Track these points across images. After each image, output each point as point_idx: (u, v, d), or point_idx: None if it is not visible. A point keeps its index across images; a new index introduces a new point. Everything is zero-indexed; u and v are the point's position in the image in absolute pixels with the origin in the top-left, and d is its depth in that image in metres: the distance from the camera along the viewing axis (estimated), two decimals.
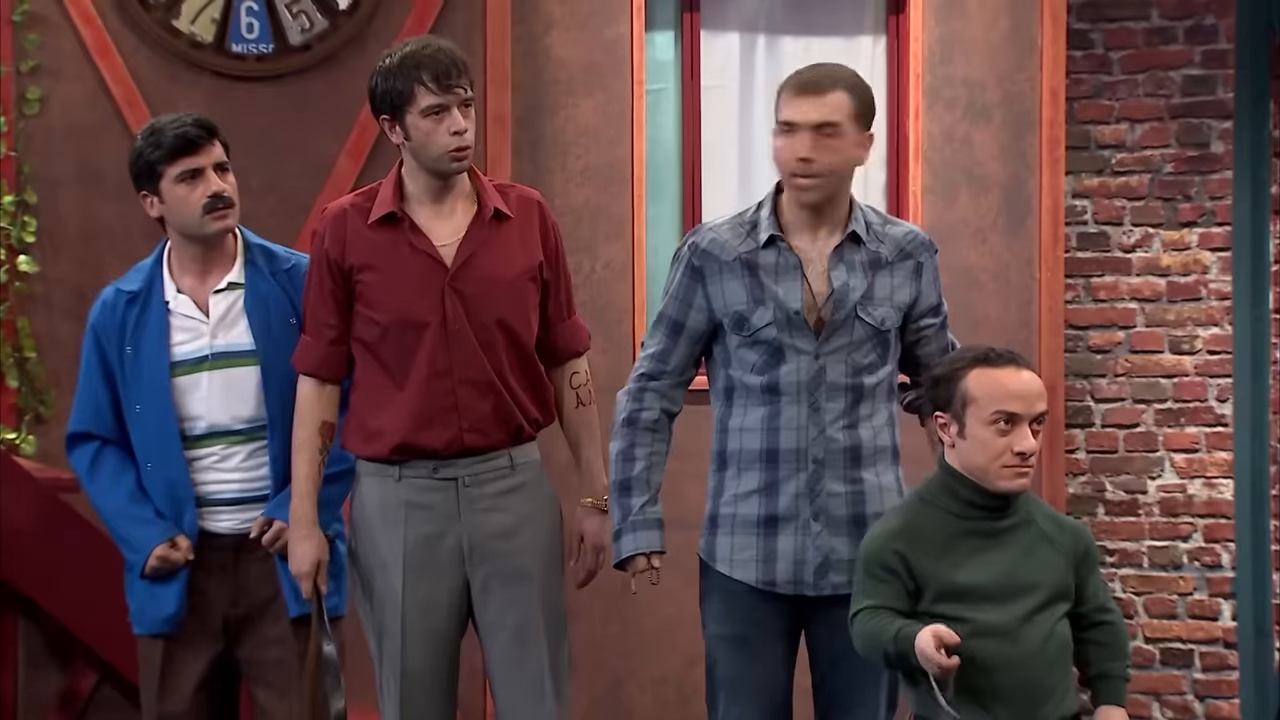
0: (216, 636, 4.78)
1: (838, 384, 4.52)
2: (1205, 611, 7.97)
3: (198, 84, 6.82)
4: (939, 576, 4.16)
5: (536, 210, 4.74)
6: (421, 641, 4.65)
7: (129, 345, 4.76)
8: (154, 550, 4.71)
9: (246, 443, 4.76)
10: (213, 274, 4.80)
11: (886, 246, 4.57)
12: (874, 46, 7.47)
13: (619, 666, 7.16)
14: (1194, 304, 7.98)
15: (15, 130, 6.72)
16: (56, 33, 6.78)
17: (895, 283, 4.57)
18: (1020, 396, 4.20)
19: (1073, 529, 4.30)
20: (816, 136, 4.47)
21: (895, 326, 4.56)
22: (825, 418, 4.51)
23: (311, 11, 6.91)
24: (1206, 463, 7.97)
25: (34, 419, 6.72)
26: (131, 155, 4.80)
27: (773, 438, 4.54)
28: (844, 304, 4.52)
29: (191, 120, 4.78)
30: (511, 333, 4.65)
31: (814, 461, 4.51)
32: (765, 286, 4.54)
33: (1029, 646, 4.14)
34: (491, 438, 4.65)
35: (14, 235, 6.72)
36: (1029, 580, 4.18)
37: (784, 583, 4.53)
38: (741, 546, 4.58)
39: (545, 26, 7.12)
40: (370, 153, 6.89)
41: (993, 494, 4.20)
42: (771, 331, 4.52)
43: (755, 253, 4.55)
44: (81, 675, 6.32)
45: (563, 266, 4.78)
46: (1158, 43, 7.96)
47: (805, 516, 4.52)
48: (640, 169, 7.20)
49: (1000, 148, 7.45)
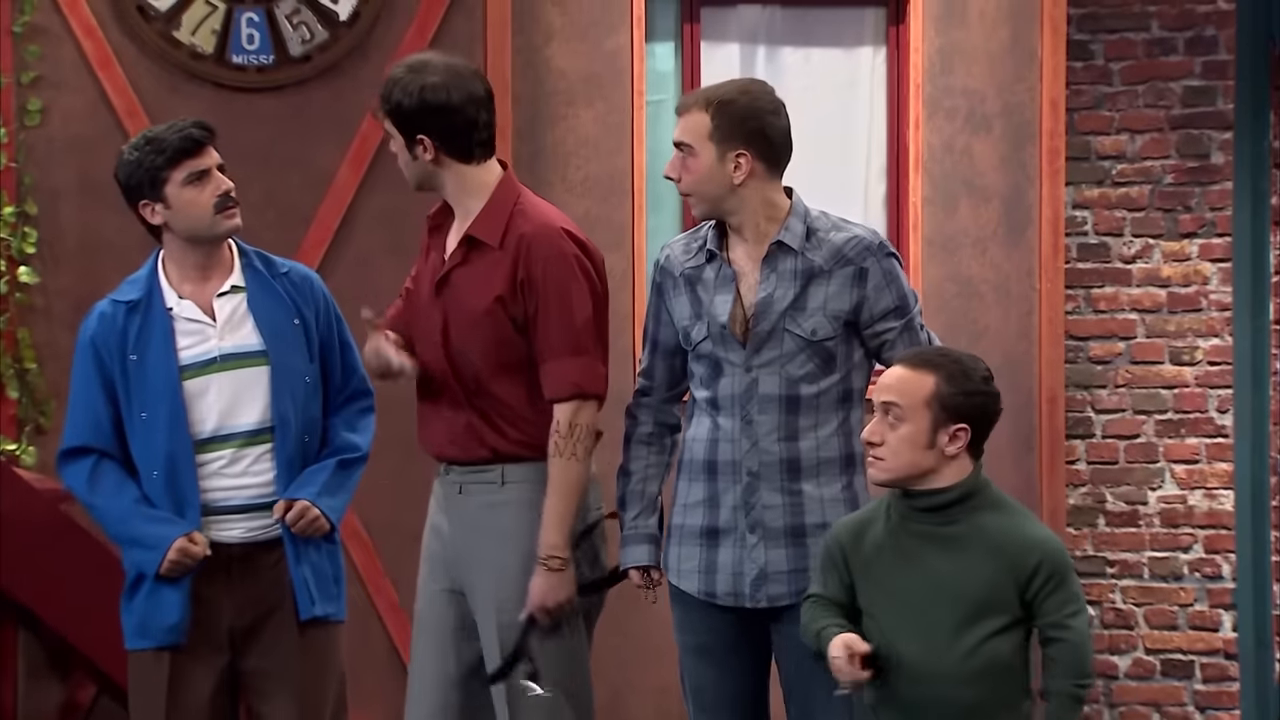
0: (222, 649, 4.77)
1: (770, 396, 4.53)
2: (1206, 623, 7.97)
3: (198, 95, 6.82)
4: (868, 577, 4.19)
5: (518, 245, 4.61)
6: (425, 631, 4.72)
7: (133, 354, 4.75)
8: (174, 543, 4.67)
9: (253, 446, 4.77)
10: (214, 279, 4.81)
11: (822, 254, 4.54)
12: (874, 57, 7.47)
13: (619, 677, 7.15)
14: (1194, 315, 7.98)
15: (16, 141, 6.72)
16: (57, 44, 6.78)
17: (830, 291, 4.54)
18: (878, 386, 4.22)
19: (1024, 545, 4.18)
20: (679, 155, 4.55)
21: (831, 336, 4.53)
22: (759, 430, 4.53)
23: (312, 23, 6.91)
24: (1207, 474, 7.97)
25: (34, 430, 6.72)
26: (127, 166, 4.77)
27: (712, 449, 4.58)
28: (767, 315, 4.53)
29: (191, 123, 4.80)
30: (470, 360, 4.63)
31: (749, 474, 4.54)
32: (702, 301, 4.58)
33: (948, 659, 4.13)
34: (471, 452, 4.66)
35: (14, 246, 6.72)
36: (956, 591, 4.15)
37: (723, 594, 4.56)
38: (686, 557, 4.62)
39: (546, 37, 7.13)
40: (371, 163, 6.90)
41: (925, 500, 4.17)
42: (708, 346, 4.57)
43: (699, 268, 4.60)
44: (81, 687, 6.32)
45: (546, 308, 4.59)
46: (1158, 54, 7.96)
47: (742, 529, 4.55)
48: (640, 180, 7.20)
49: (1000, 158, 7.45)
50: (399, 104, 4.62)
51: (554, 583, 4.57)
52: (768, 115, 4.55)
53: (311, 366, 4.83)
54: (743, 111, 4.53)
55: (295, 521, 4.74)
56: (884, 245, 4.60)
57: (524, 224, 4.63)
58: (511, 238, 4.62)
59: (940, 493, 4.18)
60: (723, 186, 4.53)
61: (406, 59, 4.76)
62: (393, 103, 4.63)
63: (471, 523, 4.67)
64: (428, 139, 4.62)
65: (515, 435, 4.65)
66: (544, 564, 4.57)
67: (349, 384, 4.92)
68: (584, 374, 4.60)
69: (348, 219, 6.95)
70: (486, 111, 4.65)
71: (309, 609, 4.76)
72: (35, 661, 6.42)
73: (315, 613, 4.77)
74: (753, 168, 4.53)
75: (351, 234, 6.95)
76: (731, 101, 4.53)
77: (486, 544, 4.64)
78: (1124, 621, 8.00)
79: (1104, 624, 7.99)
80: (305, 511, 4.74)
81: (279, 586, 4.77)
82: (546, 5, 7.13)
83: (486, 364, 4.62)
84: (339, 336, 4.92)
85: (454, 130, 4.62)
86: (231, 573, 4.76)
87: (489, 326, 4.61)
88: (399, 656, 6.90)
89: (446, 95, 4.60)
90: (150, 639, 4.75)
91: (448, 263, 4.67)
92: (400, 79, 4.63)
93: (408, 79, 4.62)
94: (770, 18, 7.45)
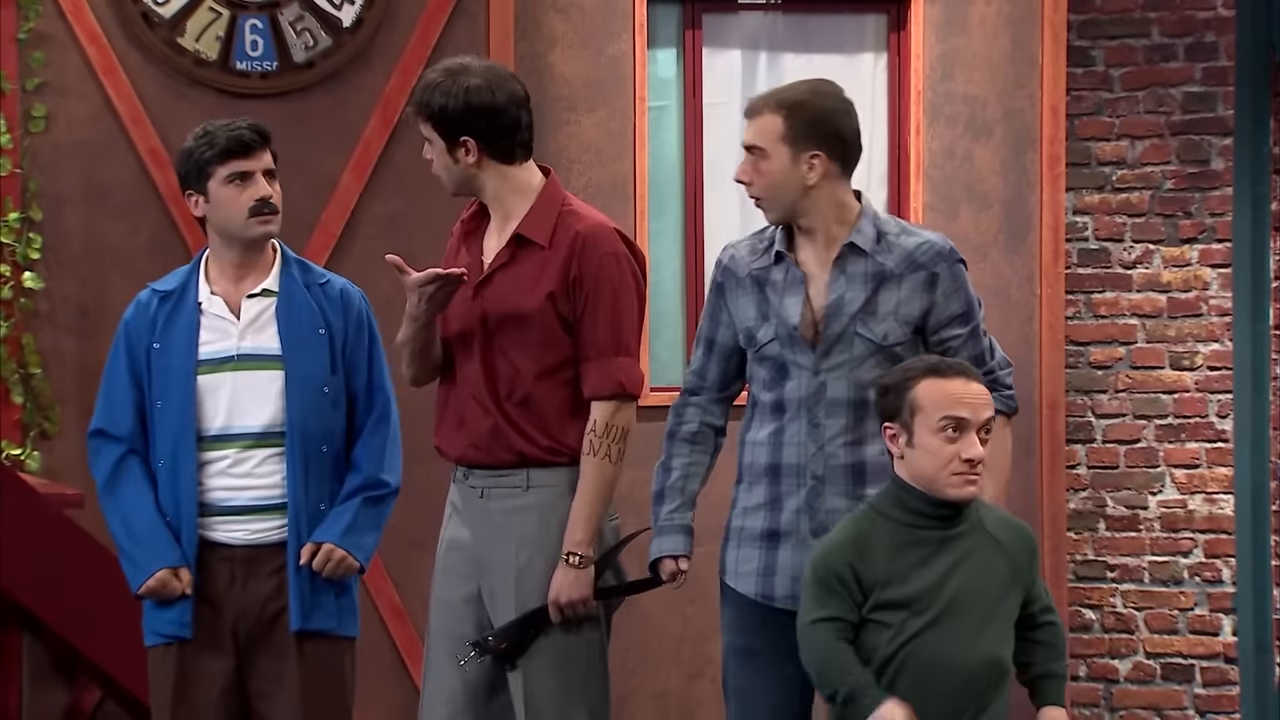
0: (227, 648, 4.77)
1: (839, 400, 4.50)
2: (1206, 627, 7.98)
3: (202, 101, 6.84)
4: (885, 586, 4.16)
5: (573, 242, 4.62)
6: (442, 642, 4.68)
7: (157, 342, 4.78)
8: (158, 573, 4.70)
9: (260, 449, 4.77)
10: (248, 279, 4.82)
11: (894, 258, 4.51)
12: (875, 63, 7.49)
13: (621, 683, 7.15)
14: (1194, 320, 8.00)
15: (21, 147, 6.74)
16: (62, 51, 6.80)
17: (902, 295, 4.51)
18: (969, 403, 4.15)
19: (1018, 530, 4.27)
20: (750, 159, 4.51)
21: (901, 341, 4.50)
22: (825, 434, 4.50)
23: (315, 29, 6.94)
24: (1207, 478, 7.99)
25: (39, 435, 6.73)
26: (182, 154, 4.81)
27: (776, 453, 4.54)
28: (838, 317, 4.50)
29: (246, 124, 4.81)
30: (512, 362, 4.63)
31: (814, 478, 4.51)
32: (770, 302, 4.54)
33: (975, 657, 4.15)
34: (495, 456, 4.65)
35: (19, 252, 6.73)
36: (977, 588, 4.17)
37: (781, 597, 4.52)
38: (745, 559, 4.59)
39: (548, 44, 7.15)
40: (374, 170, 6.92)
41: (941, 503, 4.18)
42: (775, 348, 4.53)
43: (766, 269, 4.56)
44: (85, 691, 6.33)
45: (596, 306, 4.61)
46: (1158, 60, 7.98)
47: (804, 533, 4.51)
48: (642, 185, 7.22)
49: (1001, 164, 7.47)
50: (442, 107, 4.59)
51: (573, 579, 4.58)
52: (840, 115, 4.52)
53: (333, 378, 4.81)
54: (815, 113, 4.50)
55: (322, 566, 4.74)
56: (954, 251, 4.58)
57: (576, 223, 4.64)
58: (563, 236, 4.62)
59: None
60: (796, 189, 4.49)
61: (440, 64, 4.72)
62: (434, 107, 4.60)
63: (494, 527, 4.65)
64: (472, 141, 4.60)
65: (544, 441, 4.64)
66: (566, 560, 4.58)
67: (375, 402, 4.88)
68: (628, 374, 4.63)
69: (350, 225, 6.97)
70: (527, 112, 4.65)
71: (299, 621, 4.74)
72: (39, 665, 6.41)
73: (309, 626, 4.75)
74: (826, 169, 4.49)
75: (354, 240, 6.97)
76: (804, 103, 4.50)
77: (509, 548, 4.63)
78: (1124, 626, 8.01)
79: (1104, 628, 8.01)
80: (330, 554, 4.74)
81: (281, 591, 4.77)
82: (549, 12, 7.15)
83: (530, 365, 4.62)
84: (370, 354, 4.88)
85: (499, 131, 4.61)
86: (235, 575, 4.77)
87: (537, 325, 4.61)
88: (401, 659, 6.92)
89: (491, 96, 4.59)
90: (159, 627, 4.77)
91: (491, 264, 4.65)
92: (439, 83, 4.60)
93: (448, 82, 4.60)
94: (772, 24, 7.47)
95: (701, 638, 7.21)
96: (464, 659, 4.61)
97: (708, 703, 7.24)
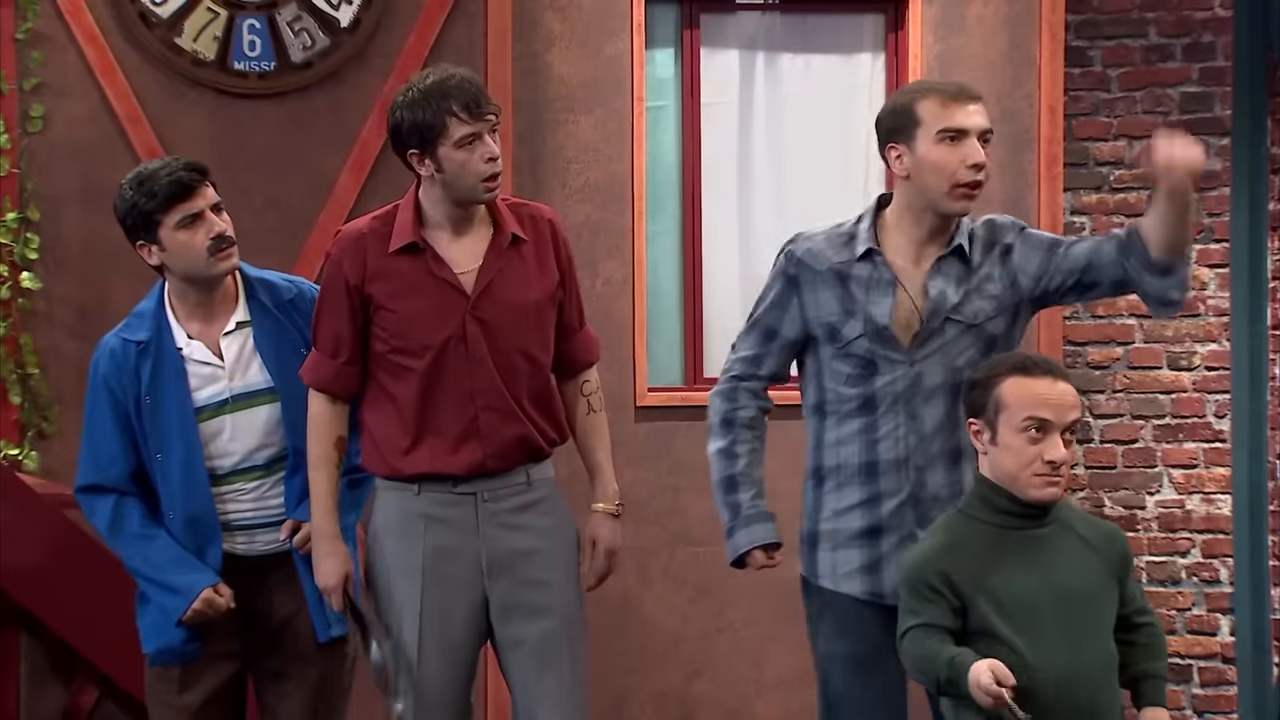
0: (231, 659, 4.79)
1: (935, 386, 4.46)
2: (1203, 627, 7.99)
3: (200, 102, 6.85)
4: (983, 592, 4.09)
5: (548, 229, 4.74)
6: (437, 654, 4.64)
7: (148, 397, 4.71)
8: (201, 593, 4.67)
9: (270, 475, 4.78)
10: (219, 316, 4.76)
11: (976, 248, 4.54)
12: (873, 64, 7.50)
13: (621, 683, 7.17)
14: (1192, 320, 8.01)
15: (18, 147, 6.75)
16: (60, 51, 6.80)
17: (984, 274, 4.51)
18: (1053, 404, 4.10)
19: (1108, 532, 4.23)
20: (983, 144, 4.48)
21: (991, 315, 4.48)
22: (925, 425, 4.46)
23: (313, 29, 6.94)
24: (1205, 478, 7.99)
25: (37, 435, 6.74)
26: (123, 207, 4.71)
27: (871, 450, 4.50)
28: (939, 314, 4.48)
29: (182, 165, 4.72)
30: (531, 358, 4.66)
31: (916, 469, 4.47)
32: (856, 299, 4.51)
33: (1085, 659, 4.10)
34: (510, 460, 4.65)
35: (17, 252, 6.74)
36: (1076, 589, 4.11)
37: (891, 593, 4.43)
38: (845, 561, 4.53)
39: (546, 44, 7.15)
40: (371, 169, 6.92)
41: (1027, 503, 4.13)
42: (863, 344, 4.49)
43: (849, 264, 4.53)
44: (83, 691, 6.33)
45: (573, 281, 4.79)
46: (1156, 60, 7.99)
47: (910, 525, 4.47)
48: (640, 185, 7.22)
49: (999, 164, 7.47)
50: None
51: (618, 528, 4.79)
52: None
53: None
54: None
55: (303, 544, 4.74)
56: (1016, 221, 4.60)
57: (529, 209, 4.75)
58: (530, 224, 4.71)
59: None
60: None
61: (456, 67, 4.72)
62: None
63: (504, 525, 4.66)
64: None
65: (552, 433, 4.72)
66: (613, 513, 4.78)
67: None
68: (596, 340, 4.91)
69: None
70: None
71: (326, 631, 4.76)
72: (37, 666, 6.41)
73: (333, 634, 4.78)
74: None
75: None
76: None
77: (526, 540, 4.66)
78: None
79: None
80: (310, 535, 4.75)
81: (292, 600, 4.78)
82: (547, 12, 7.15)
83: (544, 354, 4.69)
84: None
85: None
86: (244, 586, 4.76)
87: (548, 314, 4.70)
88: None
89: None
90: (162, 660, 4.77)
91: (485, 272, 4.64)
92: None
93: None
94: (770, 24, 7.48)
95: (701, 638, 7.20)
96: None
97: (708, 703, 7.24)
